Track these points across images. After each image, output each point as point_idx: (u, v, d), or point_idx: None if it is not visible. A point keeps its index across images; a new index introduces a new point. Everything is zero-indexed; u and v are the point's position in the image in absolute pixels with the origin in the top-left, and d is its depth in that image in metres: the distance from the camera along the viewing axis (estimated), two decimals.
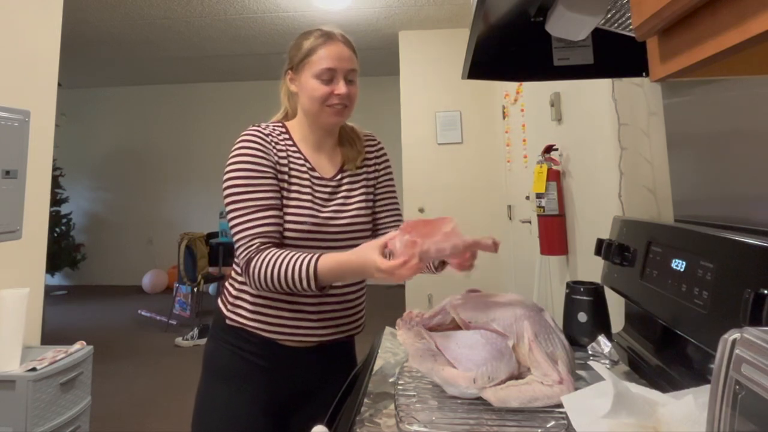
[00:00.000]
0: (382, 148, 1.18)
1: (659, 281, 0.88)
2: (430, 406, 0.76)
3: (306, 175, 1.03)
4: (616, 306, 1.11)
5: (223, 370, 1.02)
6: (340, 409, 0.84)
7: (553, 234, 2.00)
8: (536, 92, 2.55)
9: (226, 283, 1.08)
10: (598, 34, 0.99)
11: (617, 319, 1.11)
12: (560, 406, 0.69)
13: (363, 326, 1.11)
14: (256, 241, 0.94)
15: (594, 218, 1.67)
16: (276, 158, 1.00)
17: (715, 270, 0.72)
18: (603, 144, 1.51)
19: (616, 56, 1.03)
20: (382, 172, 1.15)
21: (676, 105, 1.10)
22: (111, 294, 5.87)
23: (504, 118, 3.70)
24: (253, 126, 1.03)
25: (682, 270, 0.81)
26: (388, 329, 1.20)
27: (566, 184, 2.00)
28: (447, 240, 0.83)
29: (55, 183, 5.42)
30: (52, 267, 5.36)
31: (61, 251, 5.61)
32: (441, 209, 4.10)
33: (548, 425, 0.69)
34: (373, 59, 5.20)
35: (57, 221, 5.60)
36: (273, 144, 1.01)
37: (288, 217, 0.98)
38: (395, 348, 1.10)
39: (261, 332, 1.00)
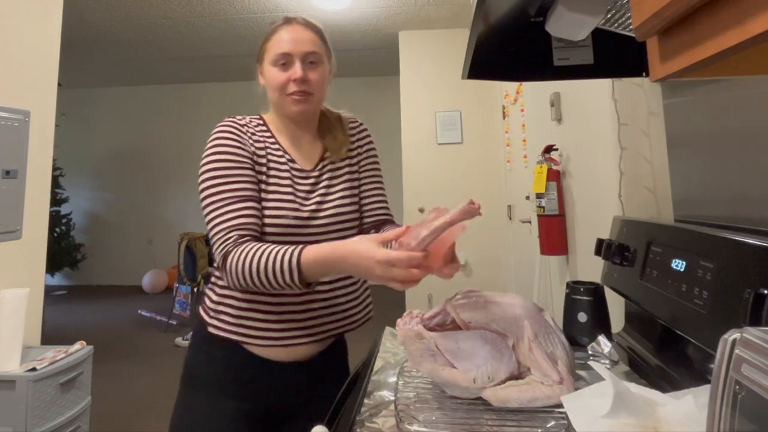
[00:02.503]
0: (364, 130, 1.10)
1: (659, 281, 0.88)
2: (430, 406, 0.76)
3: (285, 167, 0.97)
4: (616, 306, 1.11)
5: (203, 381, 0.96)
6: (340, 409, 0.84)
7: (553, 234, 2.00)
8: (536, 92, 2.55)
9: (206, 289, 1.01)
10: (598, 34, 0.99)
11: (617, 319, 1.11)
12: (560, 406, 0.69)
13: (365, 320, 1.05)
14: (233, 233, 0.87)
15: (594, 218, 1.67)
16: (253, 149, 0.95)
17: (715, 270, 0.72)
18: (603, 144, 1.51)
19: (616, 56, 1.03)
20: (364, 155, 1.07)
21: (676, 105, 1.10)
22: (111, 294, 5.88)
23: (504, 118, 3.70)
24: (229, 117, 0.98)
25: (682, 270, 0.81)
26: (388, 329, 1.20)
27: (566, 184, 2.00)
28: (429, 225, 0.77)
29: (55, 183, 5.42)
30: (52, 267, 5.36)
31: (61, 251, 5.61)
32: None
33: (548, 425, 0.69)
34: (373, 59, 5.20)
35: (57, 221, 5.60)
36: (249, 135, 0.97)
37: (268, 212, 0.92)
38: (395, 348, 1.10)
39: (246, 344, 0.93)
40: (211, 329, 0.95)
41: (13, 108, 1.91)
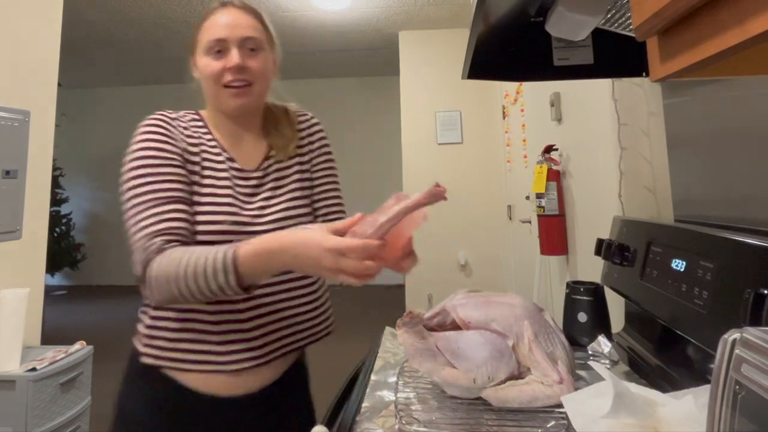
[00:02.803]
0: (315, 124, 0.98)
1: (659, 281, 0.88)
2: (430, 406, 0.76)
3: (223, 166, 0.86)
4: (616, 306, 1.11)
5: (137, 423, 0.84)
6: (340, 409, 0.84)
7: (553, 234, 2.00)
8: (536, 92, 2.55)
9: (139, 313, 0.88)
10: (598, 34, 0.99)
11: (617, 319, 1.11)
12: (560, 406, 0.69)
13: (324, 333, 0.93)
14: (157, 239, 0.75)
15: (594, 218, 1.67)
16: (184, 145, 0.84)
17: (715, 270, 0.72)
18: (603, 144, 1.51)
19: (616, 56, 1.03)
20: (316, 153, 0.96)
21: (676, 105, 1.10)
22: (111, 294, 5.88)
23: (504, 118, 3.70)
24: (158, 112, 0.87)
25: (682, 270, 0.81)
26: (388, 329, 1.20)
27: (566, 184, 1.99)
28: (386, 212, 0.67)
29: (55, 183, 5.42)
30: (52, 267, 5.35)
31: (61, 251, 5.61)
32: (441, 209, 4.10)
33: (548, 425, 0.69)
34: (373, 59, 5.20)
35: (57, 221, 5.60)
36: (181, 129, 0.86)
37: (201, 217, 0.80)
38: (395, 348, 1.10)
39: (185, 373, 0.81)
40: (144, 359, 0.82)
41: (13, 108, 1.91)
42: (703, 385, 0.62)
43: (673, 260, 0.84)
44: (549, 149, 2.07)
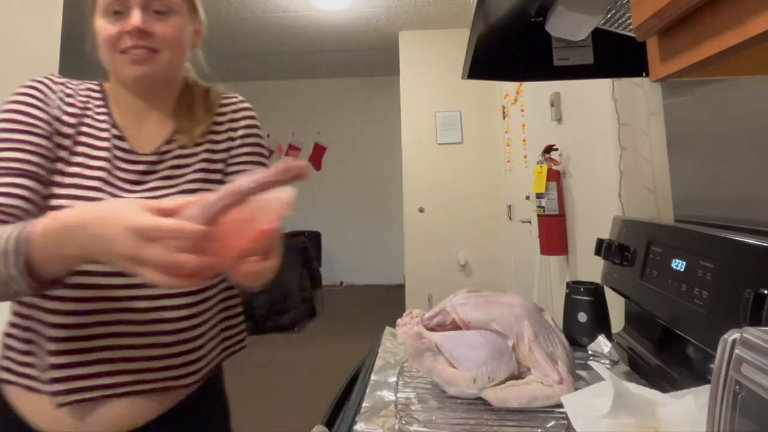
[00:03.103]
0: (243, 109, 0.82)
1: (659, 281, 0.88)
2: (430, 406, 0.76)
3: (105, 144, 0.70)
4: (616, 306, 1.11)
5: None
6: (340, 409, 0.84)
7: (553, 234, 2.00)
8: (536, 92, 2.55)
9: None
10: (598, 34, 0.99)
11: (617, 319, 1.11)
12: (560, 406, 0.69)
13: (196, 377, 0.72)
14: None
15: (594, 218, 1.67)
16: (59, 113, 0.70)
17: (715, 270, 0.72)
18: (603, 144, 1.51)
19: (616, 56, 1.03)
20: (238, 142, 0.79)
21: (676, 105, 1.10)
22: None
23: (504, 118, 3.70)
24: (45, 74, 0.75)
25: (682, 270, 0.81)
26: (388, 329, 1.20)
27: (566, 184, 2.00)
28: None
29: None
30: None
31: None
32: (441, 209, 4.11)
33: (548, 425, 0.69)
34: (373, 59, 5.20)
35: None
36: (61, 96, 0.72)
37: (56, 201, 0.65)
38: (395, 348, 1.10)
39: (30, 405, 0.65)
40: (1, 374, 0.68)
41: None
42: (703, 385, 0.62)
43: (673, 260, 0.84)
44: (549, 149, 2.07)
